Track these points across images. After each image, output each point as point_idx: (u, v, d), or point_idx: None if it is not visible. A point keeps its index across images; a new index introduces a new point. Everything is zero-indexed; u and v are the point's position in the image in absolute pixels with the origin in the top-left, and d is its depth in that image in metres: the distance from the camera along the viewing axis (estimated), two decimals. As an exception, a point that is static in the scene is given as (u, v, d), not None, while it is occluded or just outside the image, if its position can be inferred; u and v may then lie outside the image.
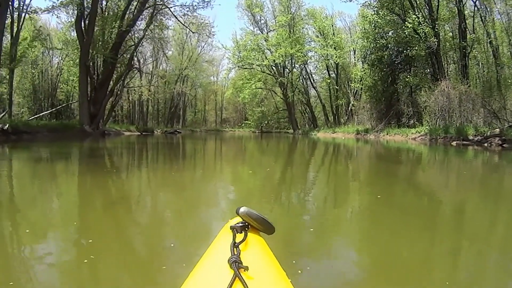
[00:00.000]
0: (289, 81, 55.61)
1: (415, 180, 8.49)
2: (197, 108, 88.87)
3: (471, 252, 3.35)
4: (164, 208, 4.85)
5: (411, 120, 34.07)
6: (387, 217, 4.47)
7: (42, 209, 4.46)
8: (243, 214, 1.36)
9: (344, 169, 10.88)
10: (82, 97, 29.61)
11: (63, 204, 4.89)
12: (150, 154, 14.49)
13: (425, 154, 17.39)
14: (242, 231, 1.29)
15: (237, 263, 1.03)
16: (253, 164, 12.01)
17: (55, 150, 14.70)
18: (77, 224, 3.82)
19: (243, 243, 1.20)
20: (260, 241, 1.33)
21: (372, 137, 34.97)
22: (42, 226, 3.75)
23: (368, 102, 41.79)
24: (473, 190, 7.12)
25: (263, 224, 1.39)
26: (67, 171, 8.48)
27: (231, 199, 5.25)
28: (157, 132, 46.86)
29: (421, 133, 29.26)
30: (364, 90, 43.86)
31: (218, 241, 1.31)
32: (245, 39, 56.32)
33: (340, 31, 57.80)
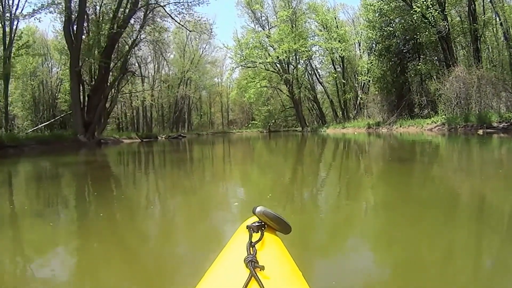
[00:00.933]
0: (295, 78, 54.29)
1: (439, 178, 7.25)
2: (202, 111, 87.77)
3: (497, 252, 3.07)
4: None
5: (425, 110, 32.36)
6: (413, 215, 4.15)
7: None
8: (259, 213, 1.28)
9: (360, 166, 9.96)
10: (75, 105, 27.88)
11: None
12: (142, 167, 12.69)
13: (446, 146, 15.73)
14: (258, 231, 1.22)
15: (253, 263, 0.98)
16: (265, 166, 11.02)
17: (31, 168, 12.52)
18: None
19: (259, 242, 1.15)
20: (277, 241, 1.27)
21: (384, 130, 33.39)
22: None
23: (378, 94, 40.08)
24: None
25: (280, 223, 1.32)
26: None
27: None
28: (161, 138, 45.28)
29: (438, 123, 27.56)
30: (373, 82, 42.27)
31: (234, 241, 1.25)
32: (247, 37, 54.97)
33: (343, 24, 56.06)
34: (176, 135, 50.06)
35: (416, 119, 31.89)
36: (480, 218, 4.05)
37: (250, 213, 1.28)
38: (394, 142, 19.84)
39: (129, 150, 21.26)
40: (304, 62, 56.48)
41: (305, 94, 59.29)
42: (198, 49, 72.81)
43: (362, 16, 45.89)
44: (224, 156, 15.90)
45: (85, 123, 27.26)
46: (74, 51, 27.40)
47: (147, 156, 17.22)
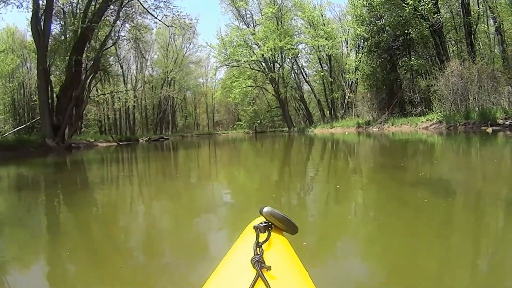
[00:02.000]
0: (280, 77, 52.86)
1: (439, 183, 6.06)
2: (187, 112, 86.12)
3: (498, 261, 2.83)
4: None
5: (419, 108, 30.68)
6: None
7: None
8: (266, 213, 1.29)
9: (351, 171, 8.78)
10: (43, 106, 25.58)
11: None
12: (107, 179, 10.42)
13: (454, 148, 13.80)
14: (265, 231, 1.23)
15: (259, 263, 0.98)
16: (255, 174, 9.36)
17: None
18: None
19: (266, 243, 1.15)
20: (283, 241, 1.28)
21: (375, 129, 31.86)
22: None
23: (367, 91, 38.45)
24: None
25: (287, 224, 1.32)
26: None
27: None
28: (142, 141, 43.28)
29: (434, 121, 25.87)
30: (362, 79, 40.61)
31: (241, 241, 1.26)
32: (231, 35, 53.14)
33: (330, 21, 54.62)
34: (158, 137, 47.89)
35: (409, 117, 30.31)
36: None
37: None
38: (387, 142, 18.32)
39: (97, 157, 19.02)
40: (290, 61, 55.20)
41: (292, 94, 57.88)
42: (182, 49, 71.20)
43: (350, 13, 45.12)
44: (210, 162, 14.05)
45: (54, 126, 25.02)
46: (41, 48, 25.18)
47: (115, 164, 15.06)
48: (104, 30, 32.34)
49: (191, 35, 70.88)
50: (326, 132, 40.05)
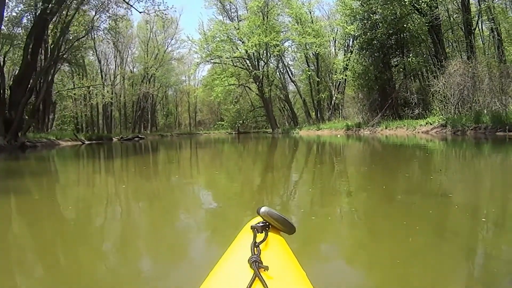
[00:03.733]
0: (265, 75, 50.17)
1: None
2: (168, 111, 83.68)
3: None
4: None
5: (416, 110, 28.09)
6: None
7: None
8: (264, 213, 1.30)
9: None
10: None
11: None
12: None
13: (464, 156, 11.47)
14: (262, 231, 1.24)
15: (257, 263, 0.99)
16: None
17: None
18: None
19: (263, 243, 1.16)
20: (281, 241, 1.29)
21: (367, 132, 29.47)
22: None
23: (359, 91, 35.80)
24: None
25: (284, 224, 1.33)
26: None
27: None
28: (115, 139, 40.34)
29: (435, 124, 23.20)
30: (353, 78, 37.81)
31: (239, 241, 1.27)
32: (214, 30, 50.23)
33: (318, 20, 52.38)
34: (132, 136, 44.83)
35: (406, 119, 27.65)
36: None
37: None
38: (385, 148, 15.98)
39: (57, 160, 16.24)
40: (275, 59, 52.76)
41: (276, 93, 55.99)
42: (164, 45, 68.59)
43: (339, 11, 43.22)
44: (191, 168, 11.54)
45: (6, 122, 21.86)
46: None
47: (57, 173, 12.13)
48: (78, 19, 30.16)
49: (174, 30, 68.78)
50: (313, 134, 37.88)
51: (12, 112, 22.46)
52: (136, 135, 46.65)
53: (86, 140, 34.33)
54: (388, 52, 33.26)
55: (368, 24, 33.11)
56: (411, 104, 28.93)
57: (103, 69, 61.49)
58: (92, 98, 53.88)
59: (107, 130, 58.06)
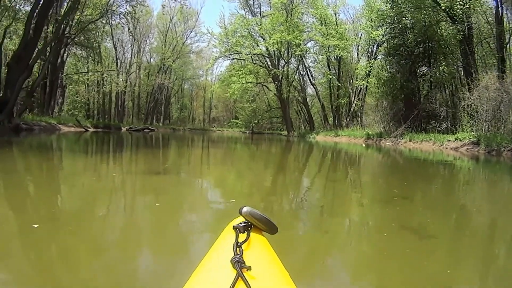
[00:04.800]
0: (285, 75, 48.11)
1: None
2: (183, 105, 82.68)
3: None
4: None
5: (444, 124, 26.11)
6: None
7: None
8: (246, 213, 1.29)
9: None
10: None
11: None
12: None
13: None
14: (245, 231, 1.24)
15: (239, 263, 1.00)
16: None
17: None
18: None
19: (246, 243, 1.16)
20: (263, 241, 1.30)
21: (388, 143, 27.42)
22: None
23: (383, 99, 33.81)
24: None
25: (266, 224, 1.33)
26: None
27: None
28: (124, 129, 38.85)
29: (465, 141, 21.18)
30: (378, 85, 35.81)
31: (221, 241, 1.27)
32: (235, 24, 48.39)
33: (342, 23, 50.22)
34: (142, 127, 43.21)
35: (432, 133, 25.63)
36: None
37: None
38: (419, 165, 13.95)
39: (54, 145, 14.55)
40: (296, 59, 50.59)
41: (294, 95, 53.57)
42: (183, 37, 67.41)
43: (365, 15, 42.57)
44: (201, 166, 10.71)
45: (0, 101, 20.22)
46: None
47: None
48: (93, 1, 28.99)
49: (194, 22, 67.65)
50: (330, 140, 35.95)
51: (8, 91, 20.78)
52: (147, 127, 45.09)
53: (92, 128, 32.88)
54: (416, 60, 31.34)
55: (397, 29, 31.29)
56: (438, 117, 26.96)
57: (119, 57, 60.57)
58: (105, 85, 52.63)
59: (118, 119, 57.06)
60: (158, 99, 67.73)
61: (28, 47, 21.46)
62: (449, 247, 3.64)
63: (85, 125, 31.66)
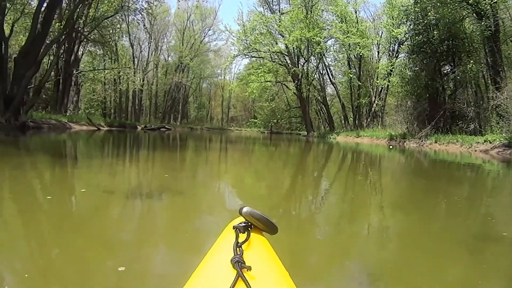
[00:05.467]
0: (304, 73, 47.07)
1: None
2: (201, 104, 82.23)
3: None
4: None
5: (471, 125, 24.77)
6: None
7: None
8: (246, 214, 1.28)
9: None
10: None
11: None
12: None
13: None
14: (245, 231, 1.23)
15: (240, 263, 1.00)
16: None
17: None
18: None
19: (246, 243, 1.16)
20: (263, 241, 1.28)
21: (413, 145, 26.14)
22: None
23: (407, 99, 32.50)
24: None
25: (266, 224, 1.32)
26: None
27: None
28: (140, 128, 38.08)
29: (496, 143, 19.90)
30: (401, 84, 34.47)
31: (221, 241, 1.26)
32: (253, 21, 47.31)
33: (363, 21, 48.89)
34: (158, 126, 42.37)
35: (459, 134, 24.28)
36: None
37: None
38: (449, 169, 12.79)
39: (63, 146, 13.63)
40: (316, 59, 49.43)
41: (314, 95, 52.73)
42: (201, 35, 66.85)
43: (386, 13, 41.89)
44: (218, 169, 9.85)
45: (6, 98, 19.32)
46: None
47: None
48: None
49: (212, 20, 67.05)
50: (351, 141, 34.89)
51: (15, 87, 19.91)
52: (163, 125, 44.21)
53: (106, 126, 32.11)
54: (440, 58, 30.05)
55: (421, 25, 30.13)
56: (465, 117, 25.61)
57: (136, 55, 60.17)
58: (121, 84, 52.09)
59: (135, 118, 56.62)
60: (176, 98, 67.26)
61: (36, 42, 20.56)
62: (474, 259, 3.36)
63: (98, 123, 30.83)
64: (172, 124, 56.66)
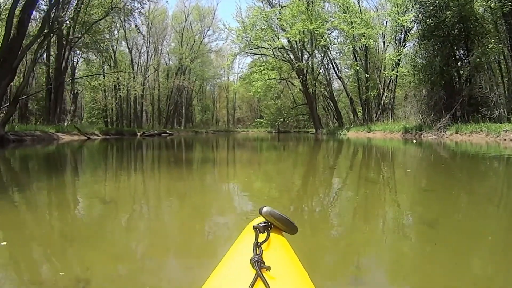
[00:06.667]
0: (309, 68, 45.13)
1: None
2: (206, 106, 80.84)
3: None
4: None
5: (496, 111, 22.61)
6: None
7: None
8: (266, 213, 1.28)
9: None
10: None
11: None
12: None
13: None
14: (264, 231, 1.23)
15: (259, 263, 0.98)
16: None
17: None
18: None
19: (265, 243, 1.15)
20: (283, 241, 1.28)
21: (431, 137, 24.05)
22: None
23: (422, 87, 30.34)
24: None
25: (286, 224, 1.31)
26: None
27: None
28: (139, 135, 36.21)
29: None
30: (414, 72, 32.24)
31: (241, 241, 1.26)
32: (253, 17, 45.39)
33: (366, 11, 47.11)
34: (157, 131, 40.43)
35: (482, 123, 22.10)
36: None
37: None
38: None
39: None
40: (320, 51, 47.60)
41: (320, 91, 50.96)
42: (201, 36, 65.52)
43: (390, 0, 40.55)
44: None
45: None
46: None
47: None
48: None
49: (210, 20, 65.64)
50: (363, 136, 33.03)
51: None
52: (164, 131, 42.29)
53: (102, 134, 30.24)
54: (454, 42, 27.96)
55: (433, 6, 27.82)
56: (488, 103, 23.42)
57: (135, 61, 58.65)
58: (121, 90, 50.48)
59: (137, 124, 55.03)
60: (178, 102, 65.73)
61: (12, 46, 18.54)
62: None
63: (92, 132, 28.86)
64: (176, 129, 55.18)
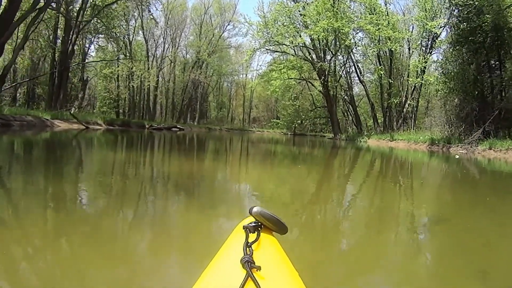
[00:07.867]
0: (332, 69, 43.15)
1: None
2: (222, 103, 79.13)
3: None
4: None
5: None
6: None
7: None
8: (256, 213, 1.31)
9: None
10: None
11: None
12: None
13: None
14: (255, 231, 1.25)
15: (249, 263, 1.01)
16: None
17: None
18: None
19: (256, 243, 1.18)
20: (273, 241, 1.31)
21: (461, 151, 21.78)
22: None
23: (455, 96, 27.96)
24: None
25: (276, 224, 1.35)
26: None
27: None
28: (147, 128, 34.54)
29: None
30: (445, 80, 29.80)
31: (231, 241, 1.28)
32: (275, 12, 43.49)
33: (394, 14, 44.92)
34: (167, 125, 38.64)
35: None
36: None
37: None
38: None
39: None
40: (344, 53, 44.98)
41: (341, 94, 48.56)
42: (220, 30, 64.01)
43: (418, 4, 39.71)
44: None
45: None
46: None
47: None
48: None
49: (231, 14, 64.08)
50: (384, 145, 30.99)
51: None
52: (174, 125, 40.49)
53: (106, 125, 28.50)
54: (489, 50, 25.77)
55: (466, 12, 25.63)
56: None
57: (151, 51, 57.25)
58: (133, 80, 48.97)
59: (149, 116, 53.50)
60: (193, 96, 63.96)
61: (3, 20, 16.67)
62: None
63: (94, 121, 27.05)
64: (188, 124, 53.57)
